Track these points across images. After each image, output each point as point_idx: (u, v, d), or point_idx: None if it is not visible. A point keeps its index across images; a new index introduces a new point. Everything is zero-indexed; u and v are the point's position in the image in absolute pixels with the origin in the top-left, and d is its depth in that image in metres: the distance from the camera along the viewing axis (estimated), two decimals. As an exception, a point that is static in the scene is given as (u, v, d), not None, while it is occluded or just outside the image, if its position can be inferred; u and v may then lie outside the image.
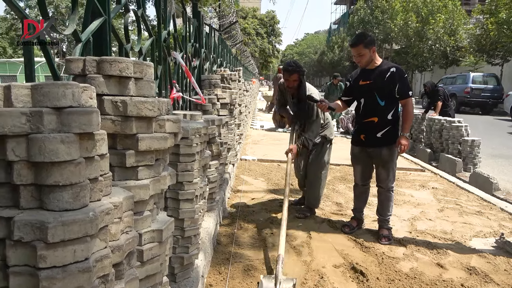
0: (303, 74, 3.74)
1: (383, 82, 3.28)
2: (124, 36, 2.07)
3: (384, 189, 3.51)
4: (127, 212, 1.11)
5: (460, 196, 4.98)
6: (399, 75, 3.27)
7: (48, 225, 0.80)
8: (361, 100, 3.48)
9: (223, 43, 6.71)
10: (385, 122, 3.36)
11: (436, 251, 3.28)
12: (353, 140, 3.70)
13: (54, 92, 0.85)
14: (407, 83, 3.32)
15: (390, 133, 3.38)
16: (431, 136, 8.05)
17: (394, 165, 3.47)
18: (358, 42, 3.29)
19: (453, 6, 26.45)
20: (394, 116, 3.38)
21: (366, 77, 3.41)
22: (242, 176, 5.57)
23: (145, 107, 1.24)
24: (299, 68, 3.70)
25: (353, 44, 3.33)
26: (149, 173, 1.31)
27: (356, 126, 3.61)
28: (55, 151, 0.83)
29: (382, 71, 3.31)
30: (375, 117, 3.38)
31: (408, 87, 3.32)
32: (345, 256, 3.15)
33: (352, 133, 3.81)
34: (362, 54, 3.29)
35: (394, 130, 3.40)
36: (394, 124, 3.39)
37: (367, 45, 3.27)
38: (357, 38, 3.35)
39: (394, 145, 3.38)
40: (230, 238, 3.41)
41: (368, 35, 3.37)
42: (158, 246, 1.32)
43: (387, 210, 3.53)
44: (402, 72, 3.31)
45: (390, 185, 3.50)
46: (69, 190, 0.86)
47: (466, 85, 17.98)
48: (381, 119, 3.36)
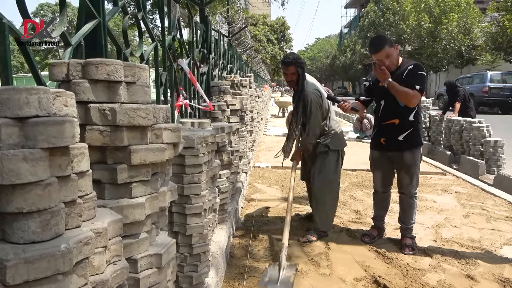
0: (302, 66, 3.39)
1: (401, 81, 3.08)
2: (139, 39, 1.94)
3: (406, 196, 3.30)
4: (115, 238, 0.94)
5: (485, 200, 4.71)
6: (415, 70, 3.06)
7: (7, 263, 0.65)
8: (381, 102, 3.28)
9: (233, 49, 6.60)
10: (406, 124, 3.17)
11: (464, 261, 3.06)
12: (372, 144, 3.48)
13: (15, 99, 0.70)
14: (419, 77, 3.04)
15: (413, 135, 3.18)
16: (451, 138, 7.76)
17: (418, 169, 3.26)
18: (382, 45, 3.03)
19: (466, 5, 25.95)
20: (416, 118, 3.19)
21: None
22: (255, 184, 5.40)
23: (137, 115, 1.09)
24: (296, 60, 3.37)
25: (378, 47, 3.04)
26: (145, 189, 1.15)
27: (376, 129, 3.40)
28: (16, 171, 0.68)
29: (401, 71, 3.12)
30: (396, 119, 3.19)
31: (418, 81, 3.01)
32: (366, 268, 2.95)
33: (371, 136, 3.58)
34: (390, 53, 3.05)
35: (416, 132, 3.20)
36: (416, 126, 3.20)
37: (391, 44, 3.06)
38: (379, 41, 3.10)
39: (417, 148, 3.20)
40: (244, 250, 3.24)
41: (385, 35, 3.20)
42: (157, 272, 1.16)
43: (410, 218, 3.32)
44: (417, 68, 3.08)
45: (413, 191, 3.28)
46: (36, 218, 0.71)
47: (483, 84, 17.55)
48: (402, 121, 3.17)
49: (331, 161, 3.52)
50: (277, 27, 37.89)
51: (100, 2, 1.59)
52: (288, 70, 3.39)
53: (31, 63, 1.21)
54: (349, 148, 4.02)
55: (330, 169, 3.52)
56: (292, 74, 3.39)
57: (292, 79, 3.41)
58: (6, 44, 1.09)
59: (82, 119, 1.08)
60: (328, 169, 3.51)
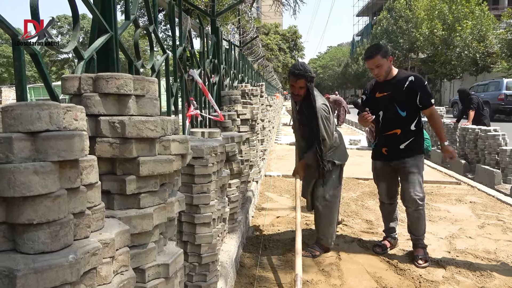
0: (311, 81, 3.15)
1: (402, 92, 3.13)
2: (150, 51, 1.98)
3: (411, 209, 3.20)
4: (122, 249, 0.96)
5: (502, 210, 4.61)
6: (419, 83, 3.13)
7: (17, 273, 0.67)
8: (379, 112, 3.29)
9: (244, 58, 6.65)
10: (409, 134, 3.19)
11: (479, 273, 2.99)
12: (373, 155, 3.45)
13: (27, 115, 0.73)
14: (428, 91, 3.18)
15: (414, 143, 3.19)
16: (465, 147, 7.65)
17: (420, 176, 3.21)
18: (375, 53, 3.10)
19: (481, 12, 25.68)
20: (417, 127, 3.22)
21: (382, 89, 3.25)
22: (266, 193, 5.40)
23: (146, 127, 1.12)
24: (307, 73, 3.09)
25: (370, 56, 3.13)
26: (153, 200, 1.17)
27: (377, 140, 3.38)
28: (27, 184, 0.70)
29: (399, 81, 3.16)
30: (398, 129, 3.20)
31: (429, 95, 3.18)
32: (378, 279, 2.91)
33: (372, 146, 3.55)
34: (380, 64, 3.11)
35: (418, 140, 3.22)
36: (417, 134, 3.22)
37: (384, 54, 3.12)
38: (373, 49, 3.17)
39: (419, 155, 3.20)
40: (254, 260, 3.23)
41: (382, 45, 3.25)
42: (164, 282, 1.17)
43: (419, 229, 3.25)
44: (422, 81, 3.18)
45: (419, 204, 3.16)
46: (46, 229, 0.73)
47: (499, 91, 17.24)
48: (404, 131, 3.19)
49: (334, 176, 3.37)
50: (289, 36, 38.00)
51: (112, 17, 1.63)
52: (296, 83, 3.15)
53: (44, 75, 1.25)
54: (361, 157, 4.01)
55: (334, 185, 3.37)
56: (301, 88, 3.16)
57: (300, 93, 3.18)
58: (22, 59, 1.13)
59: (92, 131, 1.11)
60: (331, 184, 3.35)
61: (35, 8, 1.15)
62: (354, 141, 10.25)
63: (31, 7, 1.15)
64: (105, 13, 1.63)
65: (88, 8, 1.48)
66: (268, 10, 22.53)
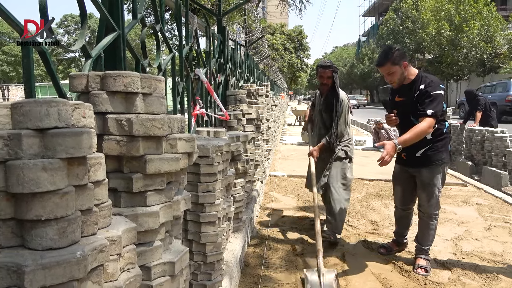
0: (336, 72, 3.68)
1: (413, 100, 2.94)
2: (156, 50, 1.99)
3: (424, 215, 3.13)
4: (129, 246, 0.97)
5: (508, 213, 4.57)
6: (426, 92, 2.86)
7: (25, 269, 0.68)
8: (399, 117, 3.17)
9: (250, 58, 6.65)
10: (423, 142, 2.98)
11: (485, 276, 2.97)
12: (396, 159, 3.34)
13: (36, 112, 0.73)
14: (431, 100, 2.83)
15: (431, 152, 3.02)
16: (472, 148, 7.59)
17: (436, 189, 3.06)
18: (384, 61, 2.91)
19: (488, 12, 25.45)
20: (435, 135, 3.00)
21: (401, 93, 3.10)
22: (271, 193, 5.39)
23: (153, 125, 1.12)
24: (333, 65, 3.70)
25: (380, 63, 2.95)
26: (159, 198, 1.17)
27: None
28: (35, 180, 0.71)
29: (413, 89, 2.96)
30: None
31: (430, 104, 2.82)
32: (383, 280, 2.89)
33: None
34: (392, 72, 2.95)
35: (436, 148, 3.02)
36: (435, 143, 3.02)
37: (396, 61, 2.90)
38: (383, 55, 2.95)
39: (436, 166, 3.01)
40: (258, 259, 3.23)
41: (395, 49, 2.95)
42: (170, 280, 1.18)
43: (427, 239, 3.15)
44: (430, 89, 2.84)
45: (432, 212, 3.09)
46: (53, 226, 0.73)
47: (507, 93, 17.05)
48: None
49: (349, 168, 3.72)
50: (294, 36, 37.97)
51: (120, 16, 1.64)
52: (325, 73, 3.62)
53: (52, 74, 1.26)
54: (366, 158, 4.00)
55: (349, 176, 3.71)
56: (328, 78, 3.63)
57: (327, 82, 3.65)
58: (30, 57, 1.14)
59: (100, 129, 1.11)
60: (347, 175, 3.70)
61: (44, 6, 1.16)
62: (359, 141, 10.20)
63: (40, 5, 1.16)
64: (113, 12, 1.64)
65: (96, 7, 1.49)
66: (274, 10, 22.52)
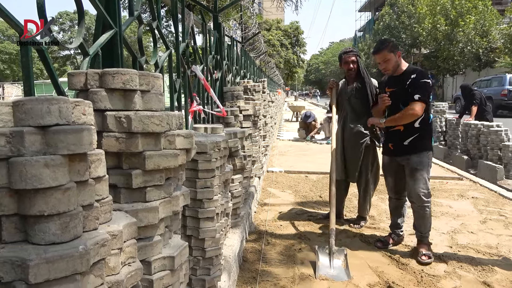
0: (359, 55, 3.91)
1: (405, 89, 3.13)
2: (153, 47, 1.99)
3: (416, 205, 3.21)
4: (130, 240, 0.99)
5: (504, 206, 4.62)
6: (416, 80, 3.09)
7: (30, 263, 0.69)
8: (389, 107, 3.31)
9: (246, 54, 6.65)
10: (412, 130, 3.17)
11: (481, 268, 3.01)
12: (383, 150, 3.52)
13: (37, 109, 0.75)
14: (420, 87, 3.06)
15: (419, 140, 3.17)
16: (468, 142, 7.64)
17: (425, 173, 3.17)
18: (382, 47, 3.17)
19: (484, 7, 25.49)
20: (422, 124, 3.16)
21: (391, 84, 3.29)
22: (269, 189, 5.42)
23: (151, 122, 1.13)
24: (354, 49, 3.98)
25: (377, 50, 3.21)
26: (159, 194, 1.19)
27: (385, 135, 3.43)
28: (38, 177, 0.72)
29: (404, 78, 3.17)
30: (401, 126, 3.20)
31: (419, 90, 3.05)
32: (380, 273, 2.93)
33: (381, 142, 3.61)
34: (388, 59, 3.17)
35: (423, 137, 3.19)
36: (422, 131, 3.17)
37: (392, 49, 3.16)
38: (380, 43, 3.24)
39: (424, 152, 3.17)
40: (257, 254, 3.26)
41: (390, 40, 3.30)
42: (170, 274, 1.20)
43: (424, 226, 3.24)
44: (420, 77, 3.10)
45: (424, 200, 3.16)
46: (56, 221, 0.75)
47: (502, 87, 17.15)
48: (407, 128, 3.17)
49: (377, 155, 3.93)
50: (290, 31, 37.90)
51: (116, 13, 1.64)
52: (349, 57, 3.84)
53: (51, 71, 1.27)
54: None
55: (378, 162, 3.93)
56: (353, 62, 3.84)
57: (354, 67, 3.84)
58: (29, 56, 1.15)
59: (99, 126, 1.13)
60: (377, 162, 3.93)
61: (41, 5, 1.17)
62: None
63: (38, 4, 1.16)
64: (109, 9, 1.64)
65: (92, 4, 1.49)
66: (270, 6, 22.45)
